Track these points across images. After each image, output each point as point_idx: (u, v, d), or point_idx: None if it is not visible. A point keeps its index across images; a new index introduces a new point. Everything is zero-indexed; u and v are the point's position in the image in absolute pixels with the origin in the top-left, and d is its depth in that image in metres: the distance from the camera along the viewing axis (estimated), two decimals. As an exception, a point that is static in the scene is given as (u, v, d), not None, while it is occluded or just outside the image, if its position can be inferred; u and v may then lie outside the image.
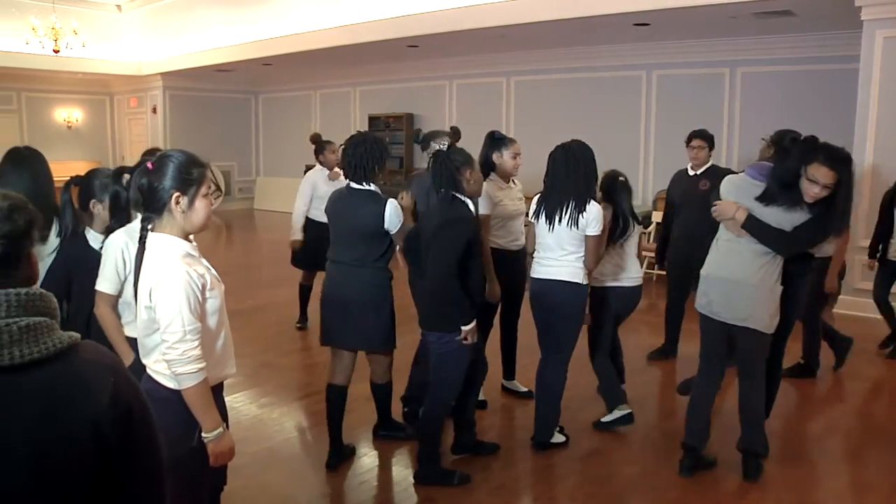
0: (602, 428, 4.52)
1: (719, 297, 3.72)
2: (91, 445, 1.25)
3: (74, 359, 1.28)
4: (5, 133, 15.21)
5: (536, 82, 11.96)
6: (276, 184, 16.99)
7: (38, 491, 1.22)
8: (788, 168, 3.52)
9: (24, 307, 1.24)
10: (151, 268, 2.32)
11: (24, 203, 1.29)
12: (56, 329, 1.28)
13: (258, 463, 4.05)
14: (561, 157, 4.01)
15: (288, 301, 7.95)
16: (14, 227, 1.26)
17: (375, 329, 3.87)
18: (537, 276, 4.11)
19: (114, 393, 1.28)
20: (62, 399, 1.24)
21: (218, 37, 13.09)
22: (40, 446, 1.21)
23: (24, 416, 1.21)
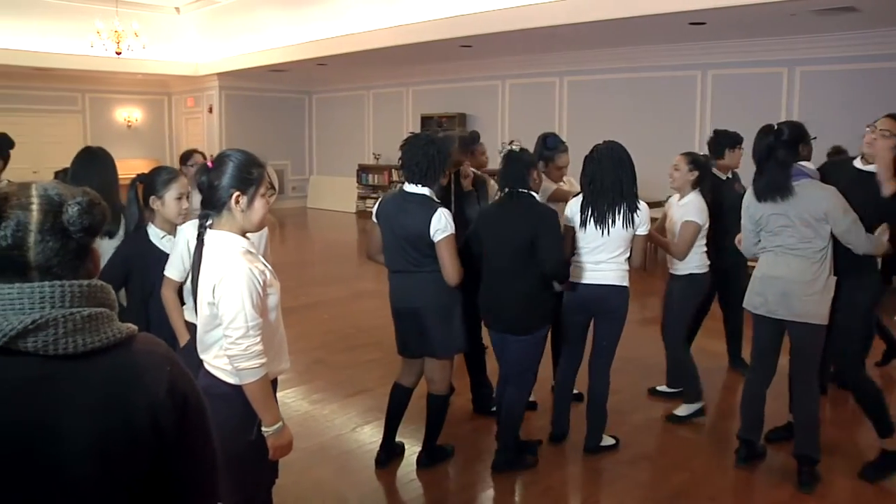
0: (676, 421, 4.58)
1: (775, 296, 3.73)
2: (149, 434, 1.28)
3: (132, 349, 1.31)
4: (70, 132, 15.74)
5: (590, 82, 11.88)
6: (329, 183, 17.19)
7: (100, 478, 1.25)
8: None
9: (87, 298, 1.28)
10: (213, 264, 2.37)
11: (100, 199, 1.33)
12: (115, 320, 1.32)
13: (309, 458, 4.10)
14: (606, 159, 3.93)
15: (340, 299, 8.07)
16: (92, 222, 1.30)
17: (448, 334, 3.74)
18: (588, 281, 3.99)
19: (170, 383, 1.31)
20: (122, 388, 1.27)
21: (273, 37, 13.27)
22: (102, 433, 1.24)
23: (87, 403, 1.24)
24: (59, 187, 1.31)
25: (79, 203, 1.28)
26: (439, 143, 3.68)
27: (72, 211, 1.27)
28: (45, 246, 1.26)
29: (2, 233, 1.25)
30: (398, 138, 3.91)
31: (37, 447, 1.21)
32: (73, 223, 1.28)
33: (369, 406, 4.89)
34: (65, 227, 1.28)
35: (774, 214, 3.72)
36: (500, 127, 13.05)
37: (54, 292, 1.24)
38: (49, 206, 1.28)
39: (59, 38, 13.63)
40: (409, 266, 3.67)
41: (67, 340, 1.22)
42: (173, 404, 1.31)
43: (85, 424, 1.23)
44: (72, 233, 1.29)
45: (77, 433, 1.22)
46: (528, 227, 3.73)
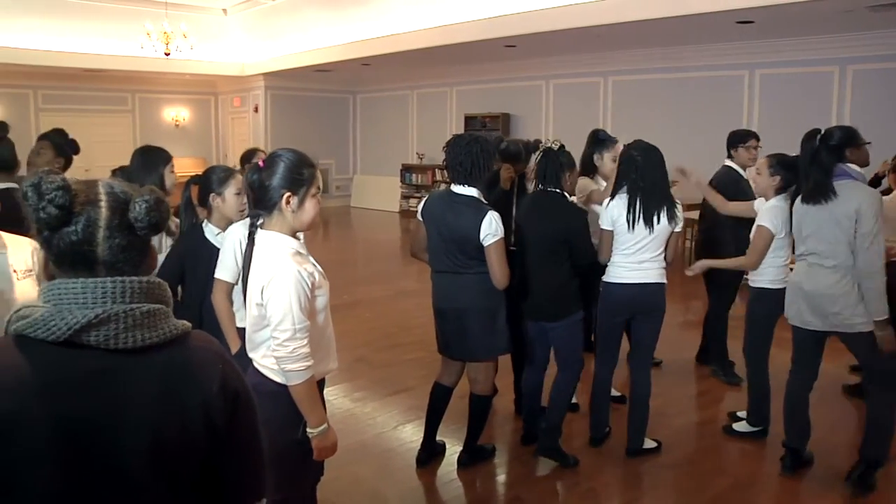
0: (732, 434, 4.47)
1: (809, 308, 3.71)
2: (202, 430, 1.32)
3: (187, 345, 1.35)
4: (120, 132, 16.09)
5: (634, 82, 11.76)
6: (373, 182, 17.29)
7: (156, 471, 1.29)
8: None
9: (146, 294, 1.32)
10: (263, 266, 2.39)
11: (164, 197, 1.37)
12: (170, 316, 1.36)
13: (350, 456, 4.13)
14: (650, 160, 3.92)
15: (382, 298, 8.12)
16: (158, 219, 1.34)
17: (491, 336, 3.74)
18: (630, 280, 3.97)
19: (222, 380, 1.35)
20: (177, 383, 1.31)
21: (318, 38, 13.39)
22: (159, 427, 1.28)
23: (145, 398, 1.28)
24: (124, 185, 1.36)
25: (146, 201, 1.32)
26: (483, 143, 3.66)
27: (139, 208, 1.32)
28: (112, 242, 1.30)
29: (72, 227, 1.29)
30: (442, 138, 3.93)
31: (98, 439, 1.25)
32: (139, 220, 1.32)
33: (410, 405, 4.91)
34: (131, 224, 1.32)
35: (810, 218, 3.67)
36: (543, 127, 13.00)
37: (115, 288, 1.28)
38: (116, 203, 1.32)
39: (110, 40, 13.93)
40: (455, 267, 3.67)
41: (127, 335, 1.27)
42: (225, 401, 1.34)
43: (142, 418, 1.27)
44: (137, 229, 1.33)
45: (135, 426, 1.27)
46: (557, 225, 3.90)
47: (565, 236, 3.90)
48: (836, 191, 3.56)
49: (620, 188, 3.97)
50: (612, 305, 4.09)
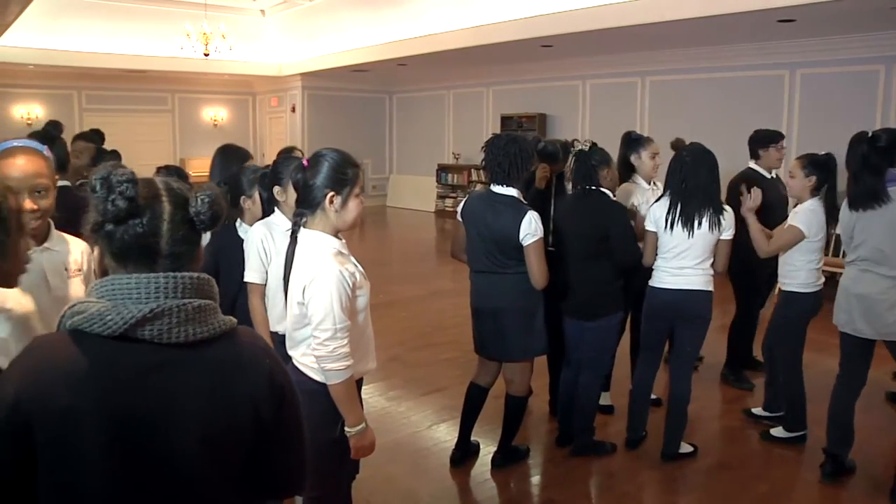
0: (769, 440, 4.39)
1: (860, 314, 3.65)
2: (249, 423, 1.36)
3: (235, 340, 1.39)
4: (160, 131, 16.35)
5: (672, 82, 11.64)
6: (409, 182, 17.33)
7: (207, 464, 1.33)
8: None
9: (196, 289, 1.35)
10: (305, 265, 2.40)
11: (220, 194, 1.41)
12: (218, 311, 1.39)
13: (384, 454, 4.14)
14: (698, 161, 3.88)
15: (417, 297, 8.14)
16: (216, 215, 1.38)
17: (528, 336, 3.75)
18: (671, 286, 3.94)
19: (270, 375, 1.39)
20: (227, 378, 1.35)
21: (355, 38, 13.45)
22: (209, 421, 1.32)
23: (196, 392, 1.32)
24: (179, 182, 1.41)
25: (207, 196, 1.37)
26: (521, 143, 3.66)
27: (200, 204, 1.36)
28: (175, 235, 1.35)
29: (139, 220, 1.33)
30: (478, 138, 3.95)
31: (150, 433, 1.29)
32: (200, 215, 1.37)
33: (444, 404, 4.92)
34: (191, 219, 1.37)
35: (862, 224, 3.60)
36: (580, 127, 12.93)
37: (168, 283, 1.32)
38: (176, 198, 1.37)
39: (150, 42, 14.15)
40: (493, 267, 3.68)
41: (179, 330, 1.31)
42: (272, 395, 1.39)
43: (193, 411, 1.31)
44: (197, 223, 1.38)
45: (186, 419, 1.30)
46: (598, 223, 3.91)
47: (605, 233, 3.90)
48: (891, 195, 3.50)
49: (667, 189, 3.97)
50: (654, 309, 4.06)
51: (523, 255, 3.56)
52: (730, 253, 3.95)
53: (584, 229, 3.96)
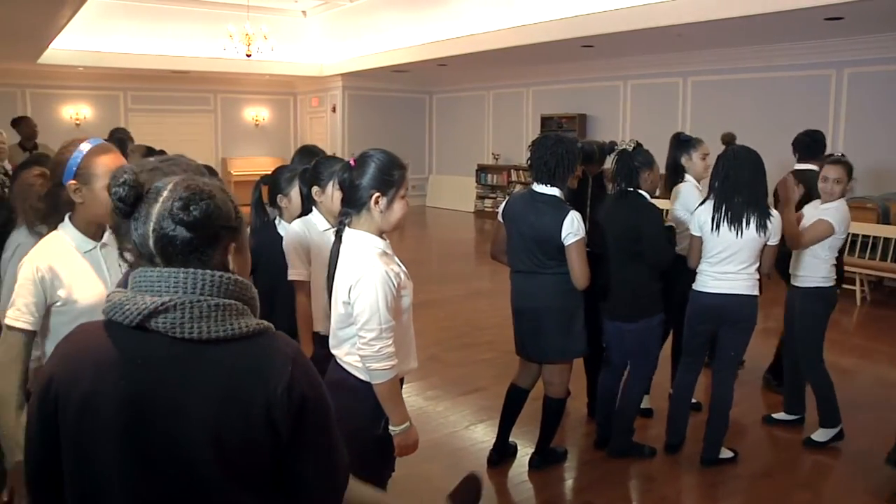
0: (813, 446, 4.31)
1: None
2: (264, 429, 1.34)
3: (259, 344, 1.38)
4: (203, 131, 16.62)
5: (715, 82, 11.50)
6: (448, 182, 17.37)
7: (217, 464, 1.32)
8: None
9: (219, 288, 1.36)
10: (351, 264, 2.42)
11: (211, 195, 1.38)
12: (247, 314, 1.39)
13: (421, 454, 4.08)
14: (743, 159, 3.83)
15: (456, 297, 8.14)
16: (191, 217, 1.34)
17: (568, 337, 3.73)
18: (715, 290, 3.90)
19: (289, 383, 1.36)
20: (242, 380, 1.34)
21: (395, 39, 13.52)
22: (219, 420, 1.31)
23: (208, 389, 1.32)
24: (185, 182, 1.38)
25: (181, 199, 1.35)
26: (568, 144, 3.66)
27: (175, 206, 1.35)
28: (160, 234, 1.35)
29: (135, 220, 1.38)
30: (518, 139, 3.98)
31: (159, 423, 1.31)
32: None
33: (482, 405, 4.92)
34: (182, 219, 1.35)
35: None
36: (620, 128, 12.84)
37: (187, 279, 1.34)
38: (154, 197, 1.37)
39: (194, 43, 14.40)
40: (534, 267, 3.68)
41: (193, 325, 1.32)
42: (290, 403, 1.35)
43: (204, 409, 1.31)
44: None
45: (196, 416, 1.31)
46: (632, 224, 3.90)
47: (639, 235, 3.88)
48: None
49: (711, 191, 3.93)
50: (697, 313, 4.03)
51: (564, 255, 3.56)
52: (774, 259, 3.92)
53: (620, 230, 3.95)
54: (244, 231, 1.49)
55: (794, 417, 4.61)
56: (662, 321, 4.10)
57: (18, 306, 2.12)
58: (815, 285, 4.24)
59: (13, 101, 14.33)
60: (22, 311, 2.11)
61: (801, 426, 4.51)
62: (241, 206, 1.52)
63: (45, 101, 14.93)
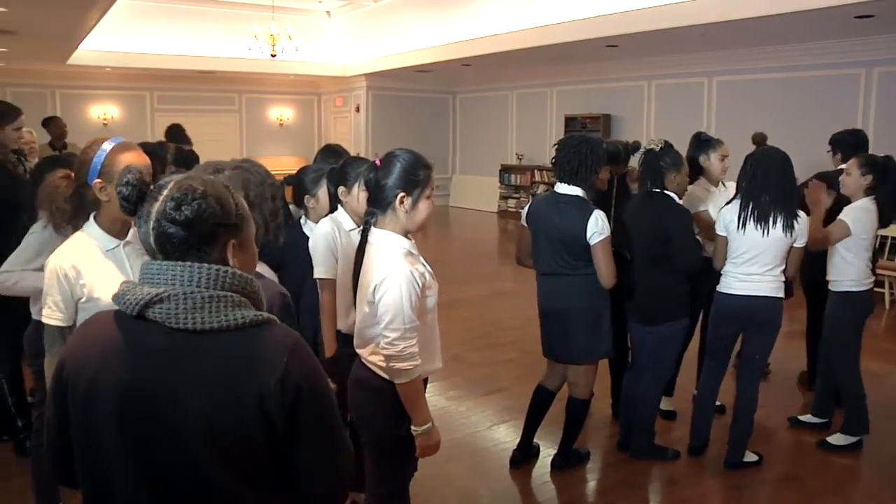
0: (827, 448, 4.27)
1: None
2: (258, 420, 1.36)
3: (254, 335, 1.39)
4: (228, 130, 16.73)
5: (740, 82, 11.39)
6: (472, 182, 17.37)
7: (212, 452, 1.35)
8: None
9: (216, 281, 1.39)
10: (376, 264, 2.43)
11: (201, 196, 1.40)
12: (245, 306, 1.41)
13: (443, 454, 4.08)
14: (770, 158, 3.80)
15: (479, 297, 8.13)
16: (182, 217, 1.38)
17: (595, 338, 3.73)
18: (740, 292, 3.86)
19: (283, 374, 1.37)
20: (236, 370, 1.36)
21: (419, 39, 13.53)
22: (213, 410, 1.34)
23: (203, 379, 1.35)
24: (181, 182, 1.42)
25: (173, 199, 1.39)
26: (593, 144, 3.65)
27: (168, 206, 1.39)
28: (158, 232, 1.40)
29: (139, 218, 1.44)
30: (541, 139, 3.97)
31: (158, 411, 1.36)
32: (167, 215, 1.39)
33: (505, 405, 4.92)
34: (175, 218, 1.39)
35: None
36: (644, 128, 12.76)
37: (184, 272, 1.38)
38: (155, 196, 1.42)
39: (220, 43, 14.51)
40: (560, 268, 3.68)
41: (188, 316, 1.35)
42: (283, 395, 1.37)
43: (198, 398, 1.34)
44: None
45: (191, 405, 1.34)
46: (660, 226, 3.86)
47: (667, 237, 3.85)
48: None
49: (738, 190, 3.89)
50: (722, 315, 4.00)
51: (591, 255, 3.56)
52: (800, 261, 3.88)
53: (646, 232, 3.91)
54: (247, 228, 1.51)
55: (821, 421, 4.55)
56: (687, 326, 4.07)
57: (49, 304, 2.27)
58: (844, 289, 4.18)
59: (43, 102, 14.52)
60: (52, 309, 2.27)
61: (827, 430, 4.45)
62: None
63: (73, 101, 15.15)
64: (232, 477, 1.38)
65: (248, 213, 1.53)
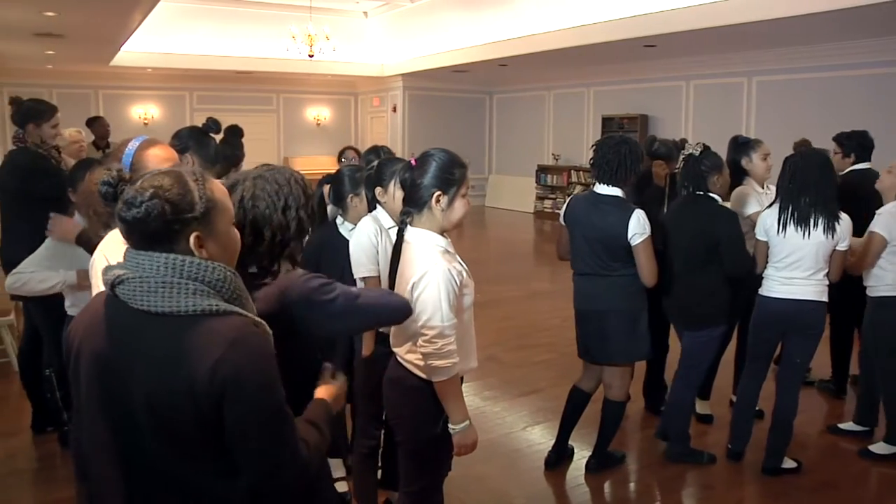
0: (868, 457, 4.19)
1: None
2: (187, 402, 1.44)
3: (201, 323, 1.46)
4: (265, 130, 16.91)
5: (781, 82, 11.22)
6: (508, 182, 17.36)
7: (153, 428, 1.47)
8: None
9: (172, 269, 1.48)
10: (414, 262, 2.44)
11: (152, 193, 1.48)
12: (203, 294, 1.48)
13: (477, 454, 4.06)
14: (810, 159, 3.75)
15: (515, 298, 8.12)
16: (127, 212, 1.48)
17: (632, 340, 3.71)
18: (781, 295, 3.80)
19: (214, 365, 1.43)
20: (174, 353, 1.45)
21: (455, 39, 13.55)
22: (152, 388, 1.45)
23: (149, 359, 1.47)
24: (135, 183, 1.51)
25: (124, 201, 1.50)
26: (632, 144, 3.64)
27: (120, 207, 1.50)
28: (121, 228, 1.53)
29: (115, 216, 1.57)
30: (578, 139, 3.96)
31: (113, 380, 1.51)
32: (119, 215, 1.50)
33: (540, 406, 4.91)
34: (119, 217, 1.51)
35: None
36: (683, 129, 12.63)
37: (143, 260, 1.50)
38: (119, 196, 1.53)
39: (258, 44, 14.69)
40: (598, 269, 3.67)
41: (144, 298, 1.47)
42: (211, 385, 1.43)
43: (142, 374, 1.46)
44: (122, 222, 1.51)
45: (138, 379, 1.46)
46: (706, 230, 3.80)
47: (713, 242, 3.80)
48: None
49: (778, 193, 3.84)
50: (763, 319, 3.94)
51: (630, 256, 3.56)
52: (843, 265, 3.81)
53: (689, 236, 3.86)
54: (219, 220, 1.56)
55: (863, 429, 4.46)
56: (724, 333, 4.03)
57: (94, 293, 2.32)
58: (882, 294, 4.07)
59: (87, 102, 14.86)
60: None
61: (869, 438, 4.37)
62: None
63: (116, 101, 15.46)
64: (176, 455, 1.48)
65: (222, 206, 1.59)
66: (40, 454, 4.27)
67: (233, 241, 1.63)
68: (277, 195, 1.89)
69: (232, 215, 1.63)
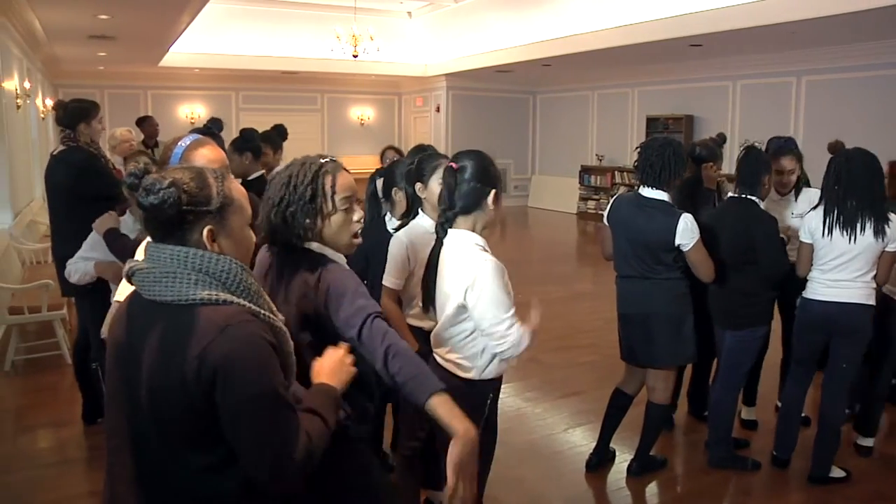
0: None
1: None
2: (179, 387, 1.50)
3: (196, 312, 1.52)
4: (310, 130, 17.08)
5: (831, 82, 10.99)
6: (551, 183, 17.28)
7: (152, 410, 1.54)
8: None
9: (180, 261, 1.55)
10: (460, 266, 2.49)
11: (172, 183, 1.55)
12: (206, 285, 1.54)
13: (516, 455, 4.16)
14: (857, 160, 3.64)
15: (557, 299, 8.09)
16: (148, 202, 1.55)
17: (677, 343, 3.67)
18: (827, 298, 3.72)
19: (203, 350, 1.49)
20: (170, 341, 1.52)
21: (499, 39, 13.54)
22: (151, 373, 1.53)
23: (152, 342, 1.54)
24: (160, 175, 1.59)
25: (144, 188, 1.57)
26: (676, 147, 3.61)
27: (141, 194, 1.57)
28: (141, 217, 1.61)
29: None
30: (622, 140, 3.94)
31: (129, 369, 1.58)
32: (139, 202, 1.58)
33: (581, 409, 4.88)
34: (138, 205, 1.59)
35: None
36: (729, 130, 12.42)
37: (153, 252, 1.58)
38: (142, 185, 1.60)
39: (303, 44, 14.83)
40: (642, 272, 3.64)
41: (151, 288, 1.56)
42: (199, 370, 1.49)
43: (147, 358, 1.53)
44: (140, 208, 1.59)
45: (144, 364, 1.53)
46: (745, 232, 3.77)
47: (751, 244, 3.75)
48: None
49: (823, 195, 3.75)
50: (808, 322, 3.86)
51: (676, 259, 3.55)
52: (891, 267, 3.71)
53: (730, 237, 3.81)
54: (233, 217, 1.63)
55: None
56: (766, 334, 3.97)
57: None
58: None
59: (136, 102, 15.17)
60: None
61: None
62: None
63: (164, 101, 15.75)
64: (175, 437, 1.55)
65: (239, 205, 1.65)
66: (90, 444, 4.39)
67: (246, 240, 1.69)
68: (288, 185, 2.06)
69: (248, 216, 1.69)
